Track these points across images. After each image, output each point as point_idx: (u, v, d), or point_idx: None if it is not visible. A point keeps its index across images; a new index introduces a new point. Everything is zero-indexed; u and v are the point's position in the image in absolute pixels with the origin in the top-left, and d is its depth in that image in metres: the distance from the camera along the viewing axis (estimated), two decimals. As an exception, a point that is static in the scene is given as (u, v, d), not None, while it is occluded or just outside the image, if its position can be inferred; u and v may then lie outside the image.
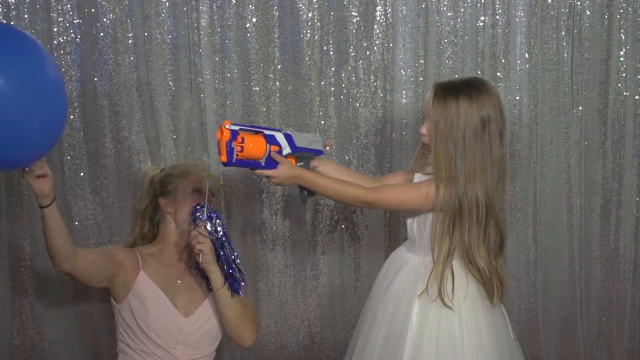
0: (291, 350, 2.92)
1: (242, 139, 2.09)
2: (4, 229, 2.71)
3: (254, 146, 2.12)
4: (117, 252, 2.39)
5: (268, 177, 2.16)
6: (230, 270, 2.30)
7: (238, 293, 2.32)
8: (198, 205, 2.33)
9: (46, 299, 2.75)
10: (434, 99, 2.13)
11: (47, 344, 2.80)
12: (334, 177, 2.31)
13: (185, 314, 2.38)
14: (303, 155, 2.26)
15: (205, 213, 2.29)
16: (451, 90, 2.13)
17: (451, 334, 2.18)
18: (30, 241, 2.72)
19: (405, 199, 2.19)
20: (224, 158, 2.07)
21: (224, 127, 2.08)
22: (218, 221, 2.31)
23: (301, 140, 2.27)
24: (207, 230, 2.27)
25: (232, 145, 2.07)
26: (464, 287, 2.19)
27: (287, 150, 2.21)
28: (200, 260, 2.27)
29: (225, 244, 2.31)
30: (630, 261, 3.01)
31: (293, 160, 2.23)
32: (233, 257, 2.32)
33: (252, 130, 2.16)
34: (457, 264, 2.20)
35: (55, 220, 2.12)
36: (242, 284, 2.33)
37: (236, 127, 2.10)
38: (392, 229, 2.86)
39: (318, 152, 2.33)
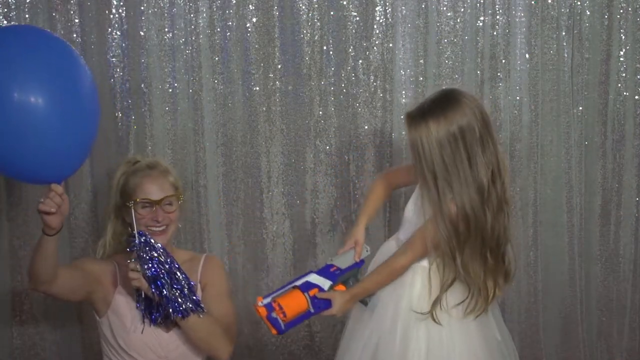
0: (291, 350, 2.92)
1: (279, 305, 2.09)
2: (4, 228, 2.71)
3: (294, 304, 2.12)
4: (95, 267, 2.30)
5: (331, 316, 2.20)
6: (169, 300, 2.18)
7: (181, 316, 2.19)
8: (132, 233, 2.19)
9: (46, 299, 2.74)
10: (408, 130, 2.11)
11: (47, 344, 2.80)
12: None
13: (166, 329, 2.28)
14: (347, 276, 2.24)
15: (136, 244, 2.16)
16: (419, 116, 2.09)
17: (441, 340, 2.18)
18: (30, 241, 2.71)
19: (429, 245, 2.18)
20: (274, 331, 2.10)
21: (257, 305, 2.09)
22: (146, 260, 2.16)
23: (345, 261, 2.26)
24: (137, 264, 2.16)
25: (274, 316, 2.09)
26: (455, 296, 2.19)
27: (327, 284, 2.19)
28: (142, 296, 2.21)
29: (161, 279, 2.16)
30: (630, 261, 3.01)
31: (343, 287, 2.22)
32: (172, 291, 2.18)
33: (285, 290, 2.15)
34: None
35: (52, 248, 2.04)
36: (187, 308, 2.20)
37: (268, 299, 2.11)
38: (392, 228, 2.86)
39: (359, 264, 2.28)
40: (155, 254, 2.17)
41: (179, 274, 2.20)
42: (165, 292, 2.16)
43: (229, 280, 2.53)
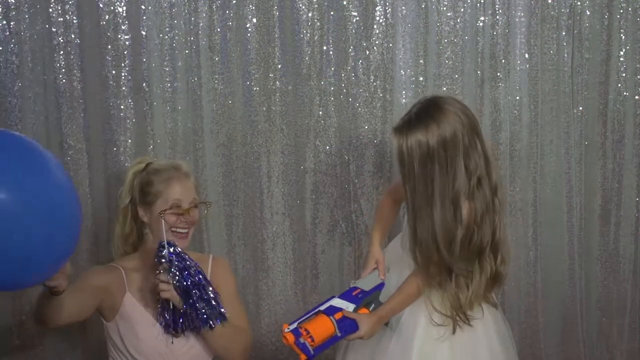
0: (291, 350, 2.90)
1: (306, 330, 2.10)
2: (4, 228, 2.71)
3: (321, 329, 2.12)
4: (100, 280, 2.27)
5: (359, 338, 2.18)
6: (199, 312, 2.18)
7: (209, 327, 2.19)
8: (161, 243, 2.16)
9: (46, 299, 2.75)
10: (397, 145, 2.09)
11: (47, 344, 2.79)
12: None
13: (175, 335, 2.25)
14: (370, 299, 2.24)
15: (166, 255, 2.14)
16: (404, 129, 2.08)
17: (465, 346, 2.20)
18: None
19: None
20: (303, 357, 2.09)
21: (284, 331, 2.09)
22: (177, 272, 2.14)
23: (368, 282, 2.26)
24: (168, 276, 2.14)
25: (302, 341, 2.08)
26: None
27: (351, 307, 2.19)
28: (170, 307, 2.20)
29: (191, 291, 2.16)
30: (630, 261, 3.01)
31: (366, 310, 2.22)
32: (201, 303, 2.18)
33: (310, 315, 2.16)
34: None
35: (61, 300, 1.98)
36: (214, 320, 2.20)
37: (294, 325, 2.11)
38: (392, 228, 2.86)
39: (380, 286, 2.28)
40: (186, 265, 2.16)
41: (206, 284, 2.20)
42: (198, 305, 2.16)
43: (237, 281, 2.53)
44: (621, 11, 2.88)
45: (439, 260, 2.11)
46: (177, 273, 2.14)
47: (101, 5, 2.67)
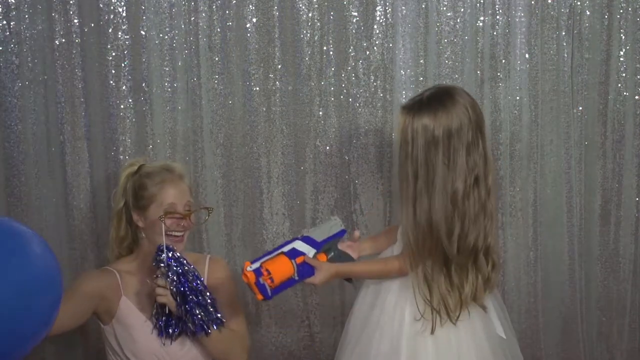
0: (291, 350, 2.92)
1: (267, 270, 2.09)
2: (4, 228, 2.71)
3: (281, 271, 2.11)
4: (95, 285, 2.26)
5: (311, 284, 2.18)
6: (195, 318, 2.18)
7: (205, 332, 2.20)
8: (160, 247, 2.16)
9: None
10: (402, 123, 2.09)
11: (46, 344, 2.79)
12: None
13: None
14: (329, 246, 2.24)
15: (164, 260, 2.15)
16: (413, 110, 2.09)
17: (450, 340, 2.18)
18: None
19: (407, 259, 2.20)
20: (260, 297, 2.09)
21: (246, 270, 2.08)
22: (174, 277, 2.14)
23: (321, 234, 2.24)
24: (166, 280, 2.15)
25: (262, 282, 2.08)
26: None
27: (312, 252, 2.19)
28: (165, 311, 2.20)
29: (188, 297, 2.16)
30: (630, 261, 3.00)
31: (324, 256, 2.22)
32: (197, 309, 2.18)
33: (272, 256, 2.15)
34: None
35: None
36: (211, 326, 2.20)
37: (257, 264, 2.10)
38: (392, 224, 2.86)
39: (341, 234, 2.28)
40: (184, 270, 2.16)
41: (204, 289, 2.19)
42: (194, 310, 2.16)
43: (236, 282, 2.53)
44: (621, 11, 2.88)
45: (432, 248, 2.11)
46: (175, 278, 2.14)
47: (101, 5, 2.67)
